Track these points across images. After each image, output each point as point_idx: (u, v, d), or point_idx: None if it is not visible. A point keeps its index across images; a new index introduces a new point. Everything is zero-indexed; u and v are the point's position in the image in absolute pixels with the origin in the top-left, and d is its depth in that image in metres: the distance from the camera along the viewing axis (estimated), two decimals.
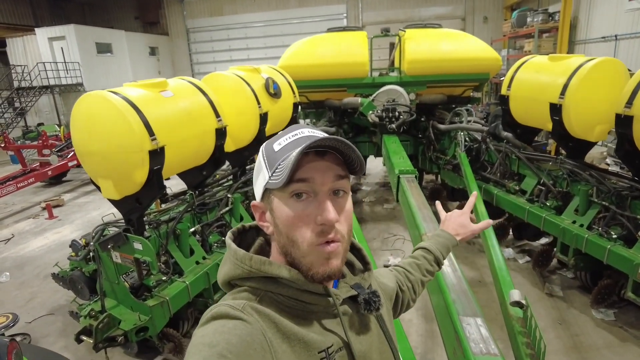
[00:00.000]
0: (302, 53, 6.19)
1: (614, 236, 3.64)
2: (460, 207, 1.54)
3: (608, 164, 7.71)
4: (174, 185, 4.76)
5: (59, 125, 13.27)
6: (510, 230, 5.28)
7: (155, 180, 3.05)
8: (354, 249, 1.05)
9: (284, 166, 0.81)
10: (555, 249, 4.27)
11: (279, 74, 5.06)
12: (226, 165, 4.63)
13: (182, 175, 3.81)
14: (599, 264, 3.73)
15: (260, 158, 0.90)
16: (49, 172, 8.76)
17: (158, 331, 3.18)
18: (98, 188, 3.20)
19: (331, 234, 0.83)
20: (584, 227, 3.89)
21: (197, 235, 3.81)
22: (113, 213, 3.68)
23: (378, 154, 6.84)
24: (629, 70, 4.11)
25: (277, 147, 0.87)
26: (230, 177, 4.67)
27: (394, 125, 5.47)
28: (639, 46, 9.12)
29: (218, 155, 3.81)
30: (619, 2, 9.74)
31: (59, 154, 9.40)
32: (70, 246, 4.08)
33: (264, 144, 0.93)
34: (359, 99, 6.03)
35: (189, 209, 3.74)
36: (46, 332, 4.05)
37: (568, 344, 3.54)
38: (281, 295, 0.86)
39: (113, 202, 3.19)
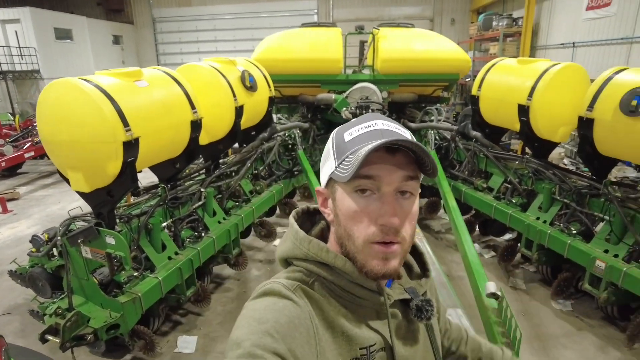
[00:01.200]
0: (276, 47, 6.14)
1: (574, 232, 3.85)
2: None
3: (565, 164, 8.12)
4: (143, 177, 4.62)
5: (13, 114, 12.53)
6: (477, 226, 5.48)
7: (128, 172, 2.95)
8: (416, 252, 1.03)
9: (351, 161, 0.78)
10: (519, 244, 4.47)
11: (255, 67, 5.01)
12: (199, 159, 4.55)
13: (155, 168, 3.70)
14: (559, 258, 3.94)
15: (329, 144, 0.88)
16: (3, 164, 8.29)
17: (130, 328, 3.09)
18: (66, 180, 3.06)
19: (389, 236, 0.79)
20: (547, 224, 4.09)
21: (169, 230, 3.73)
22: (80, 207, 3.52)
23: None
24: None
25: (347, 137, 0.84)
26: (203, 171, 4.58)
27: None
28: (594, 53, 9.63)
29: (193, 147, 3.73)
30: (577, 12, 10.25)
31: (14, 144, 8.90)
32: (30, 241, 3.87)
33: (336, 129, 0.90)
34: (333, 96, 6.06)
35: (161, 203, 3.65)
36: (3, 333, 3.83)
37: (530, 334, 3.73)
38: (333, 283, 0.85)
39: (82, 195, 3.06)
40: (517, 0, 13.64)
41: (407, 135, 0.83)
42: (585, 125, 3.70)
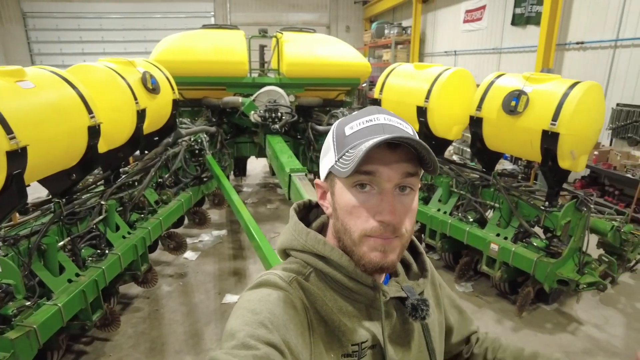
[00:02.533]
0: (176, 48, 5.85)
1: (471, 220, 4.29)
2: None
3: (455, 160, 8.97)
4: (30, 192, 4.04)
5: None
6: None
7: (14, 186, 2.56)
8: (416, 252, 1.02)
9: (352, 156, 0.77)
10: (423, 235, 4.84)
11: (157, 68, 4.70)
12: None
13: (46, 181, 3.25)
14: (460, 244, 4.36)
15: (330, 137, 0.85)
16: None
17: None
18: None
19: (387, 233, 0.79)
20: (447, 214, 4.50)
21: (67, 250, 3.32)
22: None
23: (260, 154, 6.83)
24: None
25: (348, 130, 0.82)
26: (103, 181, 4.17)
27: (277, 126, 5.54)
28: (472, 61, 10.85)
29: (90, 156, 3.37)
30: (456, 24, 11.46)
31: None
32: None
33: (337, 122, 0.86)
34: (240, 99, 5.95)
35: (56, 220, 3.23)
36: None
37: None
38: (329, 276, 0.84)
39: None
40: (405, 10, 14.79)
41: (409, 130, 0.83)
42: (475, 123, 4.15)
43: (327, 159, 0.85)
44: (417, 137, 0.79)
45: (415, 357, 0.92)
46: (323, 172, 0.88)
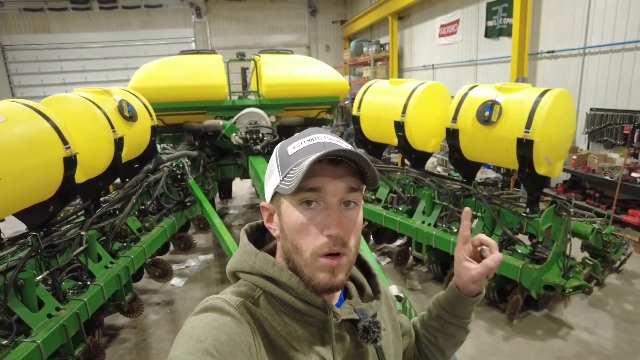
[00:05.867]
0: (155, 75, 5.88)
1: (455, 230, 4.31)
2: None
3: (439, 171, 9.07)
4: (3, 227, 3.96)
5: None
6: (371, 236, 5.80)
7: None
8: (369, 274, 1.01)
9: (295, 173, 0.78)
10: (410, 248, 4.84)
11: (133, 96, 4.70)
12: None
13: (22, 215, 3.20)
14: (446, 255, 4.37)
15: (273, 159, 0.87)
16: None
17: None
18: None
19: (337, 247, 0.80)
20: (432, 226, 4.52)
21: (46, 284, 3.24)
22: None
23: (244, 175, 6.82)
24: None
25: (291, 150, 0.84)
26: (83, 212, 4.11)
27: (259, 147, 5.55)
28: (450, 73, 11.08)
29: (67, 187, 3.33)
30: (432, 38, 11.73)
31: None
32: None
33: (279, 144, 0.88)
34: (221, 122, 5.97)
35: (33, 254, 3.16)
36: None
37: None
38: (278, 298, 0.83)
39: None
40: (382, 28, 15.11)
41: (349, 147, 0.84)
42: (451, 135, 4.21)
43: (272, 180, 0.86)
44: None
45: None
46: (268, 194, 0.89)
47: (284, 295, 0.83)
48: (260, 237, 0.99)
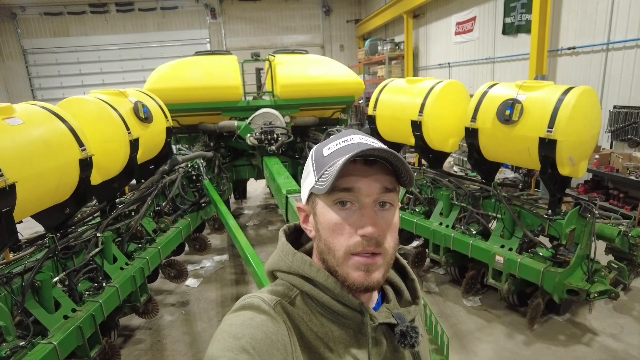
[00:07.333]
0: (170, 76, 5.90)
1: (474, 232, 4.20)
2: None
3: (456, 171, 8.92)
4: (23, 228, 4.02)
5: None
6: None
7: (4, 224, 2.52)
8: (408, 278, 1.00)
9: (329, 173, 0.78)
10: (427, 250, 4.74)
11: (149, 97, 4.71)
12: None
13: (39, 216, 3.22)
14: (464, 258, 4.26)
15: (309, 161, 0.88)
16: None
17: None
18: None
19: (371, 247, 0.79)
20: (450, 227, 4.41)
21: (63, 285, 3.26)
22: None
23: (259, 176, 6.81)
24: None
25: (326, 151, 0.84)
26: (98, 213, 4.13)
27: (273, 147, 5.52)
28: (466, 71, 10.90)
29: (83, 189, 3.34)
30: (448, 36, 11.55)
31: None
32: None
33: (315, 146, 0.88)
34: (236, 122, 5.96)
35: (50, 255, 3.18)
36: None
37: (450, 334, 3.92)
38: (315, 299, 0.82)
39: None
40: (397, 26, 14.97)
41: (384, 147, 0.83)
42: (471, 134, 4.11)
43: (308, 182, 0.87)
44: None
45: None
46: (304, 195, 0.89)
47: (320, 295, 0.83)
48: (297, 239, 0.99)
